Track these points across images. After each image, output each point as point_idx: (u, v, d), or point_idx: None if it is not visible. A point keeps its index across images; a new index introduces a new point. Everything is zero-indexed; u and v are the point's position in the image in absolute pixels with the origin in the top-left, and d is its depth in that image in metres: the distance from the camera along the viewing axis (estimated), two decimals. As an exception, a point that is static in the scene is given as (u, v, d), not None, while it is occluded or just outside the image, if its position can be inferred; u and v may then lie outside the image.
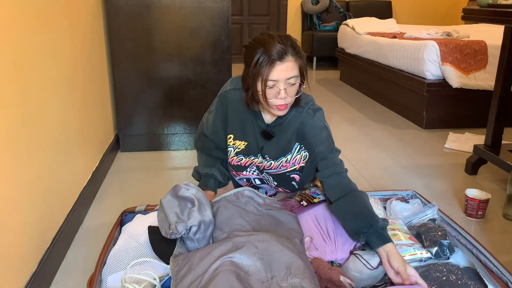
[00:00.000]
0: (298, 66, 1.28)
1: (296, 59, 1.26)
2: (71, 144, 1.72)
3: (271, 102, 1.28)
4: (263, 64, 1.23)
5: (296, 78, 1.27)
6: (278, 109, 1.30)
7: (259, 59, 1.23)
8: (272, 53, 1.22)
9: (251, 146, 1.47)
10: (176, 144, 2.64)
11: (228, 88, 1.46)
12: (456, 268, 1.21)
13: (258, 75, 1.24)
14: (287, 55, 1.23)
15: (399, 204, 1.56)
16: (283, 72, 1.24)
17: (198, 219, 1.22)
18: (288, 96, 1.28)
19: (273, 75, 1.23)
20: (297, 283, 1.04)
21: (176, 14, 2.38)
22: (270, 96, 1.27)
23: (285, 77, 1.24)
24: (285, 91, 1.26)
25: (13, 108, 1.21)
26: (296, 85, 1.29)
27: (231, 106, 1.45)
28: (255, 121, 1.44)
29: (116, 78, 2.44)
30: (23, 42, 1.29)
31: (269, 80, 1.24)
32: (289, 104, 1.32)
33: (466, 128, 3.07)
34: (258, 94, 1.28)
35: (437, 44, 3.01)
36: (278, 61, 1.22)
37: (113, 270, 1.19)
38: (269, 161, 1.47)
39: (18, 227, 1.22)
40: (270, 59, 1.22)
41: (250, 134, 1.45)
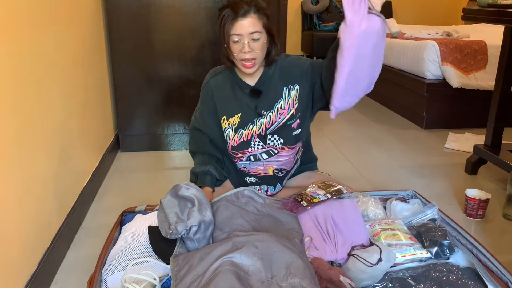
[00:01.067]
0: (262, 23, 1.40)
1: (258, 16, 1.39)
2: (71, 144, 1.72)
3: (237, 56, 1.41)
4: (227, 20, 1.38)
5: (259, 33, 1.39)
6: (244, 66, 1.43)
7: (224, 16, 1.39)
8: (235, 10, 1.37)
9: (245, 114, 1.54)
10: (176, 144, 2.64)
11: (208, 78, 1.60)
12: (456, 268, 1.21)
13: (224, 31, 1.40)
14: (250, 12, 1.38)
15: (399, 204, 1.56)
16: (245, 27, 1.37)
17: (198, 219, 1.22)
18: (253, 51, 1.39)
19: (236, 29, 1.38)
20: (297, 283, 1.04)
21: (176, 14, 2.38)
22: (235, 51, 1.41)
23: (247, 31, 1.38)
24: (248, 45, 1.38)
25: (13, 108, 1.21)
26: (260, 40, 1.40)
27: (216, 92, 1.56)
28: (240, 90, 1.55)
29: (116, 78, 2.44)
30: (23, 42, 1.29)
31: (232, 34, 1.38)
32: (256, 60, 1.42)
33: (466, 128, 3.07)
34: (228, 50, 1.42)
35: (437, 44, 3.01)
36: (240, 17, 1.37)
37: (113, 270, 1.19)
38: (268, 115, 1.54)
39: (18, 227, 1.22)
40: (233, 15, 1.37)
41: (240, 104, 1.55)
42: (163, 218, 1.27)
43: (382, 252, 1.20)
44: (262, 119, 1.54)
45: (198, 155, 1.65)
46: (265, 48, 1.44)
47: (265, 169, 1.60)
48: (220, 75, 1.58)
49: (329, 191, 1.50)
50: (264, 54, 1.46)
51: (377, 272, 1.18)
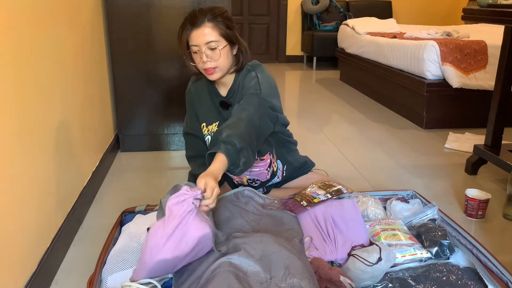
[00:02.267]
0: (219, 32, 1.40)
1: (214, 25, 1.39)
2: (71, 144, 1.72)
3: (198, 66, 1.45)
4: (184, 31, 1.41)
5: (216, 42, 1.40)
6: (207, 73, 1.45)
7: (181, 28, 1.42)
8: (190, 21, 1.40)
9: (222, 123, 1.54)
10: (176, 144, 2.64)
11: (190, 84, 1.64)
12: (456, 268, 1.21)
13: (183, 43, 1.43)
14: (203, 22, 1.38)
15: (399, 204, 1.56)
16: (200, 37, 1.39)
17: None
18: (211, 60, 1.41)
19: (192, 40, 1.41)
20: (296, 283, 1.04)
21: (176, 14, 2.38)
22: (196, 61, 1.44)
23: (203, 41, 1.39)
24: (205, 55, 1.40)
25: (13, 108, 1.21)
26: (217, 49, 1.41)
27: (196, 97, 1.60)
28: (216, 98, 1.58)
29: (116, 78, 2.44)
30: (23, 42, 1.29)
31: (190, 45, 1.42)
32: (218, 68, 1.44)
33: (466, 128, 3.07)
34: (189, 61, 1.46)
35: (437, 44, 3.01)
36: (194, 27, 1.39)
37: (113, 270, 1.19)
38: None
39: (18, 227, 1.22)
40: (188, 26, 1.40)
41: (217, 113, 1.57)
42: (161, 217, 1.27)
43: (382, 252, 1.20)
44: None
45: (194, 159, 1.65)
46: (227, 56, 1.44)
47: (240, 177, 1.59)
48: (199, 82, 1.60)
49: (329, 191, 1.50)
50: (228, 61, 1.45)
51: (377, 272, 1.19)
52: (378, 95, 3.90)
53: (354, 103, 3.86)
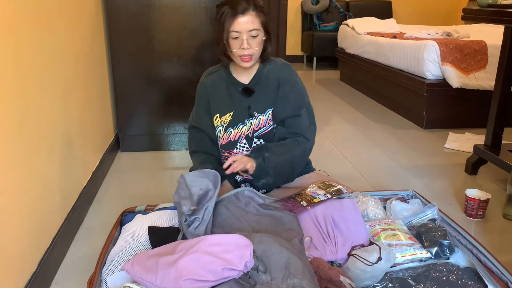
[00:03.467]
0: (260, 21, 1.43)
1: (257, 14, 1.43)
2: (71, 144, 1.72)
3: (235, 52, 1.44)
4: (227, 17, 1.41)
5: (257, 31, 1.43)
6: (242, 60, 1.45)
7: (224, 12, 1.42)
8: (235, 7, 1.40)
9: (237, 113, 1.56)
10: (176, 144, 2.64)
11: (203, 77, 1.62)
12: (456, 268, 1.21)
13: (224, 28, 1.42)
14: (249, 10, 1.41)
15: (399, 204, 1.56)
16: (244, 24, 1.41)
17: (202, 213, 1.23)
18: (250, 47, 1.43)
19: (235, 26, 1.41)
20: (296, 283, 1.04)
21: (176, 14, 2.38)
22: (234, 47, 1.44)
23: (246, 28, 1.41)
24: (247, 42, 1.42)
25: (13, 108, 1.21)
26: (258, 38, 1.44)
27: (211, 89, 1.59)
28: (234, 88, 1.56)
29: (116, 78, 2.44)
30: (23, 42, 1.29)
31: (232, 31, 1.41)
32: (254, 56, 1.46)
33: (466, 128, 3.07)
34: (226, 46, 1.45)
35: (437, 44, 3.01)
36: (240, 14, 1.40)
37: (113, 270, 1.19)
38: (258, 117, 1.55)
39: (18, 227, 1.22)
40: (233, 12, 1.40)
41: (234, 103, 1.56)
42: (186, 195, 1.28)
43: (381, 251, 1.20)
44: (253, 120, 1.56)
45: (197, 154, 1.65)
46: (262, 45, 1.48)
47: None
48: (214, 74, 1.60)
49: (329, 191, 1.50)
50: (260, 50, 1.49)
51: (377, 272, 1.18)
52: (378, 95, 3.90)
53: (354, 103, 3.86)
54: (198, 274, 1.00)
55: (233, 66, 1.57)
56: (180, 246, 1.09)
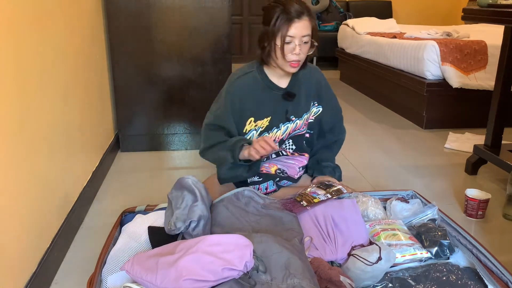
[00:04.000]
0: (311, 27, 1.41)
1: (310, 19, 1.40)
2: (71, 144, 1.72)
3: (286, 57, 1.40)
4: (282, 20, 1.37)
5: (309, 36, 1.40)
6: (291, 66, 1.42)
7: (279, 16, 1.37)
8: (291, 11, 1.36)
9: (275, 118, 1.53)
10: (176, 144, 2.64)
11: (235, 78, 1.53)
12: (456, 268, 1.21)
13: (278, 31, 1.38)
14: (304, 14, 1.38)
15: (399, 204, 1.56)
16: (299, 29, 1.37)
17: (198, 214, 1.23)
18: (301, 53, 1.41)
19: (291, 31, 1.37)
20: (296, 283, 1.04)
21: (176, 14, 2.38)
22: (286, 52, 1.40)
23: (301, 34, 1.38)
24: (299, 48, 1.39)
25: (13, 108, 1.21)
26: (308, 43, 1.42)
27: (245, 92, 1.52)
28: (272, 92, 1.52)
29: (116, 78, 2.44)
30: (23, 42, 1.29)
31: (287, 35, 1.37)
32: (301, 62, 1.45)
33: (466, 128, 3.07)
34: (276, 49, 1.40)
35: (437, 44, 3.01)
36: (296, 18, 1.36)
37: (113, 270, 1.19)
38: (295, 121, 1.55)
39: (18, 227, 1.22)
40: (289, 16, 1.36)
41: (272, 107, 1.53)
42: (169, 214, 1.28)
43: (381, 251, 1.20)
44: (289, 124, 1.54)
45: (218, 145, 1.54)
46: (311, 51, 1.46)
47: (268, 167, 1.60)
48: (248, 76, 1.52)
49: (329, 191, 1.50)
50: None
51: (377, 272, 1.18)
52: (378, 95, 3.90)
53: (354, 103, 3.86)
54: (198, 274, 1.00)
55: (268, 69, 1.52)
56: (180, 246, 1.09)
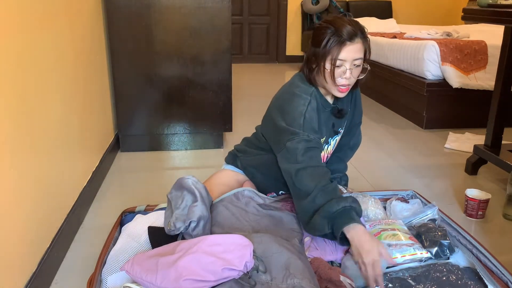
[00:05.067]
0: (364, 49, 1.33)
1: (363, 42, 1.32)
2: (71, 144, 1.72)
3: (337, 81, 1.32)
4: (333, 43, 1.28)
5: (361, 60, 1.32)
6: (340, 90, 1.34)
7: (330, 38, 1.28)
8: (343, 33, 1.27)
9: (327, 136, 1.49)
10: (176, 144, 2.64)
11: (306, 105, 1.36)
12: (456, 268, 1.21)
13: (328, 54, 1.29)
14: (357, 36, 1.29)
15: (399, 204, 1.56)
16: (351, 52, 1.29)
17: (198, 215, 1.23)
18: (352, 77, 1.32)
19: (342, 55, 1.28)
20: (296, 283, 1.04)
21: (176, 14, 2.38)
22: (336, 75, 1.31)
23: (352, 57, 1.30)
24: (350, 71, 1.31)
25: (13, 108, 1.21)
26: (360, 67, 1.34)
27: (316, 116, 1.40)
28: (325, 111, 1.44)
29: (116, 78, 2.44)
30: (23, 42, 1.29)
31: (338, 59, 1.29)
32: (350, 86, 1.36)
33: (466, 128, 3.07)
34: (324, 72, 1.32)
35: (437, 44, 3.01)
36: (348, 41, 1.28)
37: (113, 270, 1.19)
38: (341, 133, 1.55)
39: (18, 227, 1.22)
40: (341, 38, 1.27)
41: (324, 126, 1.46)
42: (169, 215, 1.28)
43: None
44: (337, 136, 1.51)
45: (316, 178, 1.28)
46: (362, 74, 1.38)
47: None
48: (312, 99, 1.39)
49: (329, 191, 1.50)
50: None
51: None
52: (378, 95, 3.90)
53: (354, 103, 3.85)
54: (198, 274, 1.00)
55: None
56: (180, 246, 1.09)
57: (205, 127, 2.61)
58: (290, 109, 1.37)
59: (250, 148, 1.60)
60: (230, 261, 1.02)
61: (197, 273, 1.00)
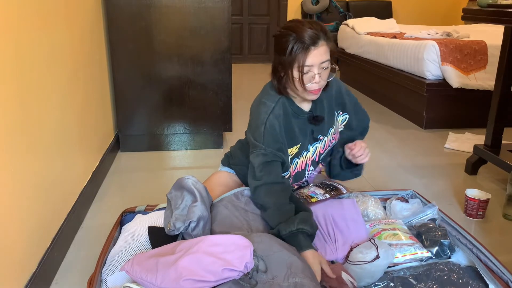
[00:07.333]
0: (329, 50, 1.31)
1: (327, 43, 1.29)
2: (71, 144, 1.72)
3: (307, 87, 1.31)
4: (297, 50, 1.26)
5: (328, 61, 1.31)
6: (312, 93, 1.33)
7: (294, 46, 1.26)
8: (305, 38, 1.25)
9: (304, 143, 1.46)
10: (176, 144, 2.64)
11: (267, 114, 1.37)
12: (457, 267, 1.21)
13: (294, 62, 1.27)
14: (320, 39, 1.27)
15: (399, 203, 1.56)
16: (317, 57, 1.27)
17: (198, 215, 1.23)
18: (321, 80, 1.31)
19: (309, 61, 1.27)
20: (298, 281, 1.04)
21: (176, 14, 2.38)
22: (305, 81, 1.30)
23: (319, 61, 1.28)
24: (319, 75, 1.29)
25: (13, 108, 1.20)
26: (328, 68, 1.33)
27: (279, 124, 1.39)
28: (299, 118, 1.43)
29: (116, 78, 2.44)
30: (23, 42, 1.29)
31: (305, 65, 1.27)
32: (321, 88, 1.35)
33: (466, 128, 3.07)
34: (293, 80, 1.31)
35: (437, 44, 3.01)
36: (312, 46, 1.26)
37: (113, 270, 1.19)
38: (323, 141, 1.50)
39: (18, 227, 1.22)
40: (304, 45, 1.25)
41: (300, 134, 1.44)
42: (168, 215, 1.28)
43: (379, 249, 1.20)
44: (318, 144, 1.49)
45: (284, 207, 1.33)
46: (331, 75, 1.36)
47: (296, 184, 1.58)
48: (277, 106, 1.39)
49: (328, 190, 1.50)
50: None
51: (375, 269, 1.19)
52: (378, 95, 3.90)
53: (354, 103, 3.85)
54: (198, 274, 1.00)
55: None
56: (180, 246, 1.09)
57: (205, 127, 2.61)
58: (254, 118, 1.41)
59: (241, 151, 1.59)
60: (230, 261, 1.02)
61: (197, 273, 1.00)
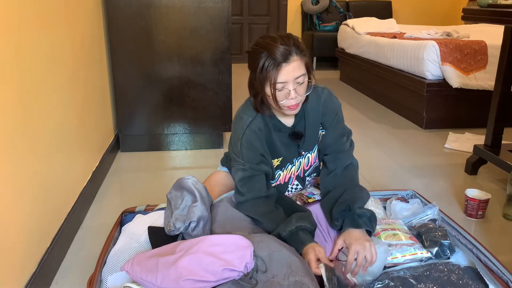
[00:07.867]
0: (304, 64, 1.26)
1: (301, 57, 1.24)
2: (71, 144, 1.72)
3: (282, 104, 1.27)
4: (269, 68, 1.21)
5: (303, 76, 1.26)
6: (289, 109, 1.29)
7: (265, 63, 1.22)
8: (276, 55, 1.20)
9: (287, 156, 1.44)
10: (176, 144, 2.64)
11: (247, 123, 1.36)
12: (457, 267, 1.21)
13: (266, 80, 1.23)
14: (292, 55, 1.22)
15: (399, 203, 1.56)
16: (290, 73, 1.22)
17: (198, 215, 1.23)
18: (298, 95, 1.27)
19: (281, 78, 1.22)
20: (298, 280, 1.05)
21: (176, 14, 2.38)
22: (280, 98, 1.26)
23: (293, 77, 1.23)
24: (295, 91, 1.25)
25: (13, 108, 1.21)
26: (304, 83, 1.28)
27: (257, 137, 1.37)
28: (279, 133, 1.40)
29: (116, 78, 2.44)
30: (23, 42, 1.29)
31: (277, 83, 1.23)
32: (300, 102, 1.31)
33: (466, 128, 3.07)
34: (268, 98, 1.27)
35: (437, 44, 3.01)
36: (283, 62, 1.21)
37: (113, 270, 1.19)
38: (306, 156, 1.46)
39: (18, 227, 1.22)
40: (275, 62, 1.21)
41: (283, 147, 1.42)
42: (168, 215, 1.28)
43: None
44: (301, 158, 1.46)
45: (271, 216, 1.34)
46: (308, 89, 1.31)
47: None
48: (257, 120, 1.36)
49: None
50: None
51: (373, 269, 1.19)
52: (378, 95, 3.90)
53: (354, 103, 3.86)
54: (198, 274, 1.00)
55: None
56: (180, 246, 1.09)
57: (205, 127, 2.61)
58: (233, 132, 1.41)
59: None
60: (230, 261, 1.02)
61: (197, 273, 1.00)
